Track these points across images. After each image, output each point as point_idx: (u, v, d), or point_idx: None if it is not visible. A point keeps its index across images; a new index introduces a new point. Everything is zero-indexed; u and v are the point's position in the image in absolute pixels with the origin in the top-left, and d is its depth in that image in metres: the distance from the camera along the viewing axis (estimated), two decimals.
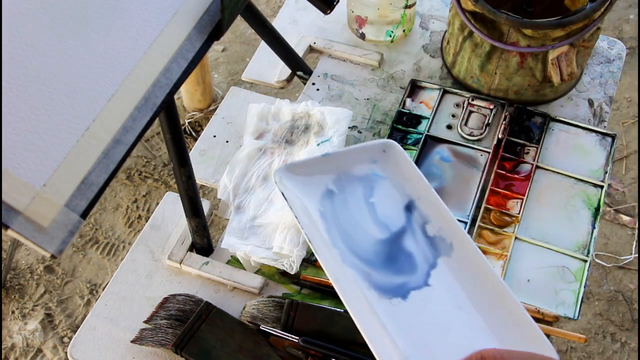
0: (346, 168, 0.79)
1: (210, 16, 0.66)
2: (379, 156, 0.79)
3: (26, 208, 0.50)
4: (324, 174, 0.78)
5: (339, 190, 0.78)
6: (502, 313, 0.66)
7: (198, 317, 0.74)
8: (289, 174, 0.76)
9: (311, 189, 0.76)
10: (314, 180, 0.77)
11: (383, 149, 0.79)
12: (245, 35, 2.24)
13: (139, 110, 0.59)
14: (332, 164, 0.78)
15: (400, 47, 1.04)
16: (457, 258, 0.72)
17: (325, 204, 0.76)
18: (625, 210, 1.83)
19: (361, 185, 0.78)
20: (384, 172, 0.78)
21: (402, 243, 0.74)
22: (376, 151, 0.79)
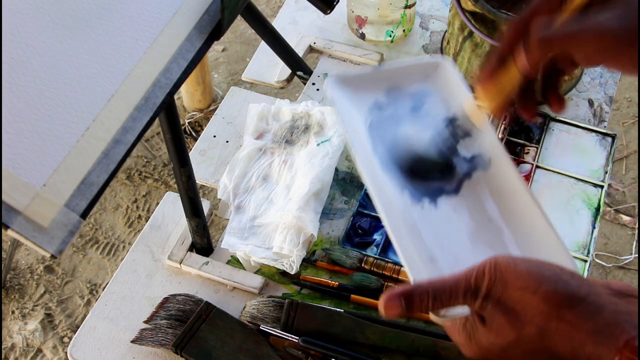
0: (398, 82, 0.77)
1: (210, 16, 0.66)
2: (431, 72, 0.78)
3: (26, 208, 0.50)
4: (375, 86, 0.77)
5: (388, 103, 0.77)
6: (531, 231, 0.66)
7: (198, 317, 0.74)
8: (341, 84, 0.75)
9: (361, 99, 0.76)
10: (365, 92, 0.76)
11: (436, 65, 0.78)
12: (245, 35, 2.24)
13: (139, 110, 0.59)
14: (384, 77, 0.77)
15: (400, 47, 1.04)
16: (493, 173, 0.70)
17: (373, 114, 0.75)
18: (625, 210, 1.83)
19: (410, 99, 0.77)
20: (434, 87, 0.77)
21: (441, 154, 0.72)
22: (429, 67, 0.78)
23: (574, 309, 0.43)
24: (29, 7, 0.54)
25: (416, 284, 0.49)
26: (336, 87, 0.75)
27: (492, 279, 0.46)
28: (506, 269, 0.46)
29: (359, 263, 0.80)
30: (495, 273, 0.46)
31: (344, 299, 0.78)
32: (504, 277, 0.46)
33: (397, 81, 0.78)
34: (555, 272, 0.46)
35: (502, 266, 0.46)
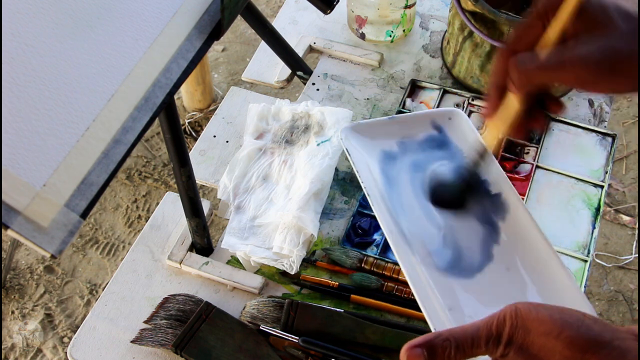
0: (410, 133, 0.78)
1: (210, 16, 0.66)
2: (445, 123, 0.79)
3: (26, 208, 0.50)
4: (387, 136, 0.78)
5: (401, 154, 0.77)
6: (551, 280, 0.67)
7: (198, 317, 0.74)
8: (355, 133, 0.77)
9: (374, 149, 0.77)
10: (377, 142, 0.77)
11: (449, 117, 0.79)
12: (245, 35, 2.24)
13: (139, 110, 0.59)
14: (397, 127, 0.78)
15: (400, 47, 1.04)
16: (511, 221, 0.72)
17: (388, 163, 0.76)
18: (625, 210, 1.83)
19: (423, 151, 0.78)
20: (447, 139, 0.79)
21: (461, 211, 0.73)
22: (442, 118, 0.79)
23: (598, 354, 0.43)
24: (29, 7, 0.54)
25: (437, 332, 0.47)
26: (350, 136, 0.76)
27: (514, 325, 0.45)
28: (527, 315, 0.45)
29: (359, 263, 0.80)
30: (516, 319, 0.46)
31: (344, 299, 0.78)
32: (525, 323, 0.45)
33: (409, 131, 0.78)
34: (577, 317, 0.45)
35: (523, 312, 0.46)
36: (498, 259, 0.70)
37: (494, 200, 0.73)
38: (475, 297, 0.67)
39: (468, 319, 0.63)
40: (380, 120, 0.79)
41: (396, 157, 0.77)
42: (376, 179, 0.74)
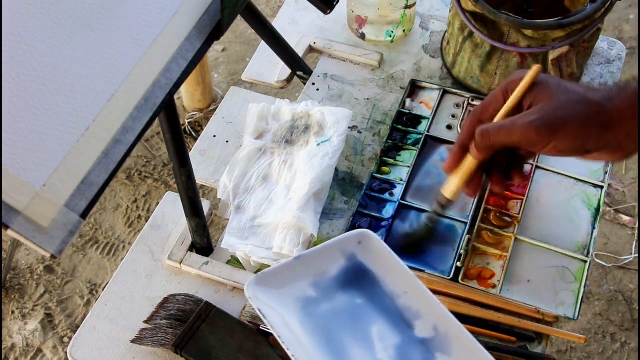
0: (323, 268, 0.72)
1: (210, 16, 0.66)
2: (355, 249, 0.73)
3: (26, 208, 0.50)
4: (300, 279, 0.71)
5: (318, 296, 0.71)
6: None
7: (198, 317, 0.74)
8: (263, 287, 0.69)
9: (289, 298, 0.69)
10: (290, 289, 0.70)
11: (358, 241, 0.73)
12: (245, 35, 2.24)
13: (139, 110, 0.59)
14: (306, 266, 0.71)
15: (400, 47, 1.04)
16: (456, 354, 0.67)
17: (307, 313, 0.69)
18: (625, 210, 1.83)
19: (341, 286, 0.72)
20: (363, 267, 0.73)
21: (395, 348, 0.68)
22: (351, 244, 0.73)
23: None
24: (29, 7, 0.54)
25: None
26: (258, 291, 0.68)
27: None
28: None
29: None
30: None
31: None
32: None
33: (321, 267, 0.72)
34: None
35: None
36: None
37: None
38: None
39: None
40: (285, 264, 0.71)
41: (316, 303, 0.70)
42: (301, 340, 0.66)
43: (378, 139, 0.93)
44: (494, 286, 0.78)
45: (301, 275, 0.71)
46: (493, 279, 0.79)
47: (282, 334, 0.65)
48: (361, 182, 0.88)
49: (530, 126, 0.59)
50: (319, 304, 0.71)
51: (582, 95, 0.59)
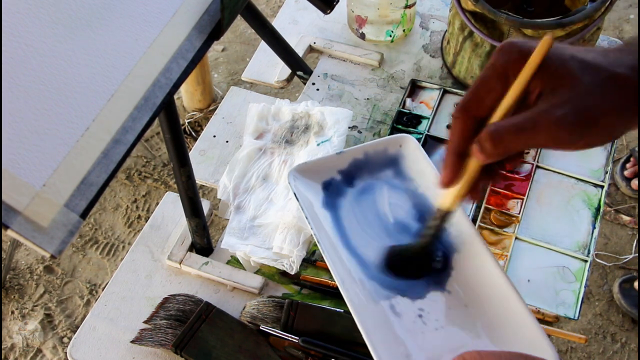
0: (361, 165, 0.76)
1: (210, 16, 0.66)
2: (395, 151, 0.76)
3: (26, 208, 0.50)
4: (337, 173, 0.75)
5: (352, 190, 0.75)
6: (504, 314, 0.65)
7: (198, 317, 0.74)
8: (301, 175, 0.73)
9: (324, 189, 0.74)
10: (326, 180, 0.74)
11: (399, 144, 0.75)
12: (245, 35, 2.24)
13: (138, 110, 0.59)
14: (345, 161, 0.75)
15: (400, 47, 1.04)
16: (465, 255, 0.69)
17: (339, 204, 0.73)
18: (625, 210, 1.83)
19: (376, 183, 0.75)
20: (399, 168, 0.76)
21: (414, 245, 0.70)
22: (392, 146, 0.76)
23: None
24: (29, 7, 0.54)
25: None
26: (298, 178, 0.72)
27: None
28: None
29: None
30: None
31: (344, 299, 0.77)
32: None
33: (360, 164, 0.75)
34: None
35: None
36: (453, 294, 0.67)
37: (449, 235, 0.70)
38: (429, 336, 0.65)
39: None
40: (327, 157, 0.75)
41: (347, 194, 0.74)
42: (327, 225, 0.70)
43: (378, 138, 0.93)
44: None
45: (340, 170, 0.75)
46: None
47: (310, 215, 0.69)
48: None
49: (560, 125, 0.46)
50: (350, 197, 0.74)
51: (610, 72, 0.46)
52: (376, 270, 0.70)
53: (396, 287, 0.68)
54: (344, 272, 0.68)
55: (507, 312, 0.65)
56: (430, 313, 0.67)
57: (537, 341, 0.62)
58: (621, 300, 1.64)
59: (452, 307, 0.67)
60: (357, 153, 0.75)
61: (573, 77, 0.46)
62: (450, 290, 0.68)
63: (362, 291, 0.67)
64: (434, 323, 0.66)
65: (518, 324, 0.64)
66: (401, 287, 0.68)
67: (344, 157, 0.74)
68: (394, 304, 0.66)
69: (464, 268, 0.68)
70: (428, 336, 0.65)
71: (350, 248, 0.70)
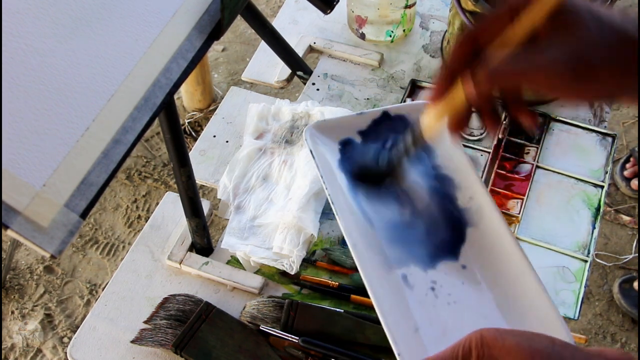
0: (380, 127, 0.74)
1: (210, 16, 0.66)
2: (415, 118, 0.72)
3: (26, 208, 0.50)
4: (356, 133, 0.73)
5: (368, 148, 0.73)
6: (522, 296, 0.64)
7: (198, 317, 0.74)
8: (319, 132, 0.72)
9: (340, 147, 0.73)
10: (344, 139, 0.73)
11: (421, 109, 0.75)
12: (245, 35, 2.24)
13: (138, 110, 0.59)
14: (365, 122, 0.73)
15: (400, 47, 1.04)
16: (483, 230, 0.68)
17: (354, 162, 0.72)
18: (625, 210, 1.83)
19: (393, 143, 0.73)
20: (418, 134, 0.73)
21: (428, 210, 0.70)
22: (413, 112, 0.74)
23: None
24: (29, 7, 0.54)
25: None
26: (316, 135, 0.71)
27: (480, 356, 0.44)
28: (494, 344, 0.44)
29: None
30: (482, 349, 0.44)
31: (344, 299, 0.78)
32: (492, 353, 0.43)
33: (380, 127, 0.74)
34: (546, 344, 0.43)
35: (489, 341, 0.44)
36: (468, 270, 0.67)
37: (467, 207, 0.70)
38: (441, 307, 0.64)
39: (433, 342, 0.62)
40: (347, 116, 0.75)
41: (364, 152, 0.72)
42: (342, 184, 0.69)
43: None
44: None
45: (359, 130, 0.73)
46: None
47: (325, 174, 0.68)
48: None
49: (557, 68, 0.46)
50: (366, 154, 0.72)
51: (621, 30, 0.46)
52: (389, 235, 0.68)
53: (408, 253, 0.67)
54: (358, 236, 0.66)
55: (523, 291, 0.64)
56: (442, 287, 0.65)
57: (551, 322, 0.61)
58: (621, 300, 1.64)
59: (465, 282, 0.66)
60: (376, 114, 0.74)
61: (582, 26, 0.46)
62: (465, 265, 0.67)
63: (375, 257, 0.66)
64: (446, 297, 0.65)
65: (534, 304, 0.63)
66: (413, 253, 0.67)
67: (363, 118, 0.73)
68: (407, 274, 0.65)
69: (480, 243, 0.67)
70: (439, 310, 0.64)
71: (364, 211, 0.69)
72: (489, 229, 0.68)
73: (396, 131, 0.74)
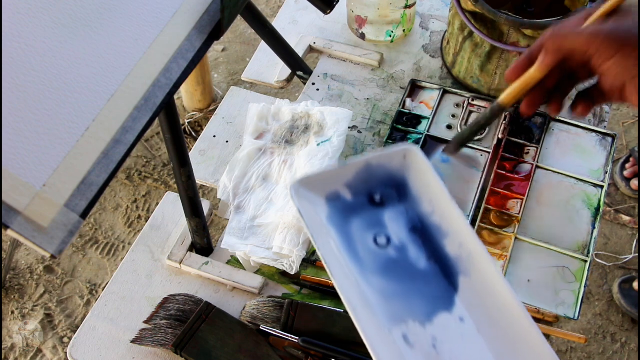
0: (365, 177, 0.73)
1: (210, 16, 0.66)
2: (399, 163, 0.73)
3: (26, 208, 0.50)
4: (341, 184, 0.72)
5: (354, 201, 0.72)
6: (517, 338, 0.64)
7: (198, 317, 0.74)
8: (305, 189, 0.70)
9: (327, 201, 0.71)
10: (330, 193, 0.72)
11: (403, 155, 0.73)
12: (245, 35, 2.24)
13: (138, 111, 0.59)
14: (349, 174, 0.73)
15: (400, 47, 1.04)
16: (475, 278, 0.67)
17: (345, 220, 0.71)
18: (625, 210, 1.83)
19: (378, 195, 0.73)
20: (403, 180, 0.74)
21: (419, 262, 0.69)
22: (396, 158, 0.73)
23: None
24: (29, 7, 0.54)
25: None
26: (300, 192, 0.69)
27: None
28: None
29: None
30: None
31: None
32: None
33: (363, 176, 0.73)
34: None
35: None
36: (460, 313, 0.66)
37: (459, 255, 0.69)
38: None
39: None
40: (329, 170, 0.73)
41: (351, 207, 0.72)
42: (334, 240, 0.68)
43: (378, 139, 0.93)
44: None
45: (344, 183, 0.73)
46: None
47: (315, 233, 0.67)
48: None
49: (601, 33, 0.58)
50: (356, 211, 0.72)
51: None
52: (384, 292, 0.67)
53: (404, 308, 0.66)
54: (355, 296, 0.65)
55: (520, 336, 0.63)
56: (444, 343, 0.65)
57: None
58: (621, 300, 1.64)
59: (464, 335, 0.66)
60: (359, 166, 0.73)
61: (631, 17, 0.59)
62: (463, 317, 0.66)
63: (373, 318, 0.65)
64: (449, 354, 0.65)
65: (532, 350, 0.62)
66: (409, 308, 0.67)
67: (347, 170, 0.72)
68: (407, 333, 0.65)
69: (474, 292, 0.67)
70: None
71: (359, 268, 0.68)
72: (482, 277, 0.67)
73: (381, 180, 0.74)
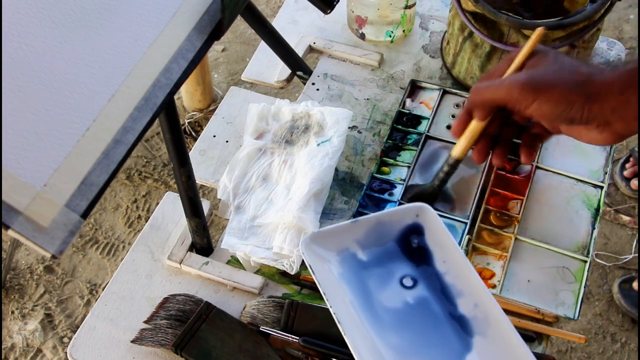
0: (377, 236, 0.74)
1: (210, 16, 0.66)
2: (412, 220, 0.75)
3: (26, 208, 0.50)
4: (353, 242, 0.73)
5: (369, 260, 0.73)
6: None
7: (198, 317, 0.74)
8: (316, 245, 0.71)
9: (340, 258, 0.72)
10: (342, 251, 0.72)
11: (416, 214, 0.74)
12: (245, 35, 2.24)
13: (139, 111, 0.59)
14: (361, 231, 0.73)
15: (400, 47, 1.04)
16: (491, 340, 0.68)
17: (355, 274, 0.71)
18: (625, 210, 1.83)
19: (392, 254, 0.74)
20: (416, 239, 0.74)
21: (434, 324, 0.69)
22: (409, 216, 0.74)
23: None
24: (29, 7, 0.54)
25: None
26: (311, 248, 0.70)
27: None
28: None
29: None
30: None
31: None
32: None
33: (375, 232, 0.74)
34: None
35: None
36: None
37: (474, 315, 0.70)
38: None
39: None
40: (342, 225, 0.73)
41: (365, 267, 0.72)
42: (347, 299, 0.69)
43: (378, 139, 0.93)
44: (494, 286, 0.78)
45: (355, 239, 0.74)
46: (493, 279, 0.79)
47: (327, 290, 0.68)
48: (361, 182, 0.88)
49: (516, 84, 0.61)
50: (368, 268, 0.73)
51: (574, 66, 0.61)
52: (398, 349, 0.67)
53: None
54: (368, 353, 0.65)
55: None
56: None
57: None
58: (621, 300, 1.64)
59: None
60: (370, 223, 0.74)
61: (546, 61, 0.63)
62: None
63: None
64: None
65: None
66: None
67: (358, 226, 0.73)
68: None
69: (490, 353, 0.67)
70: None
71: (375, 324, 0.68)
72: (499, 340, 0.67)
73: (392, 235, 0.75)
